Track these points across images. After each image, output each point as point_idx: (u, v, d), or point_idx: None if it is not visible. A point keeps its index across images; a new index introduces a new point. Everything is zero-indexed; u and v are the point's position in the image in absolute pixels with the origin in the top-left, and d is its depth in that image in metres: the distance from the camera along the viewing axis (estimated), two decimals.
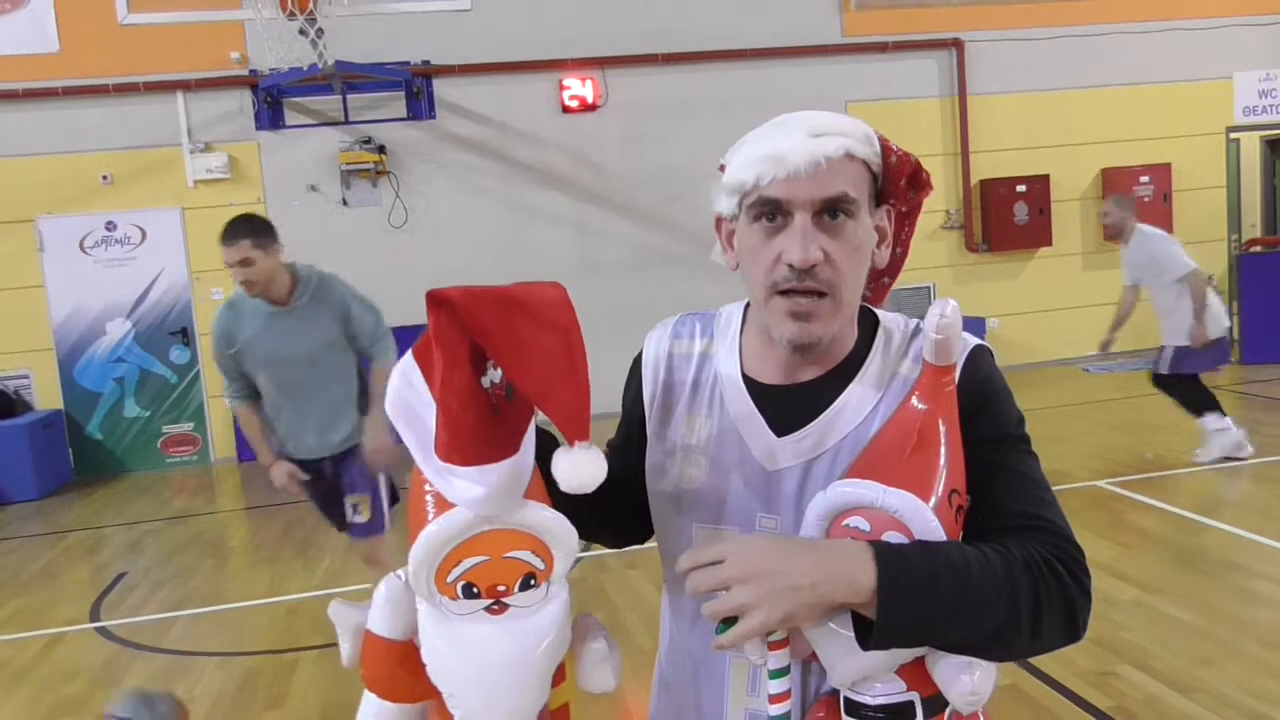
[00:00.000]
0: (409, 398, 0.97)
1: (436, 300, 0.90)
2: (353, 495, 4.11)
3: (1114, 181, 10.05)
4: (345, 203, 8.80)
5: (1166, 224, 10.10)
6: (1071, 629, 1.04)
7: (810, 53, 9.39)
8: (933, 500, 1.02)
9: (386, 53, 8.60)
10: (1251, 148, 11.21)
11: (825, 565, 0.98)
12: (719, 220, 1.21)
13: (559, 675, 1.04)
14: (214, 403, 8.79)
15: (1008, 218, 9.80)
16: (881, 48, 9.55)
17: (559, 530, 0.99)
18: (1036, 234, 9.90)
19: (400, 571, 1.02)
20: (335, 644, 3.65)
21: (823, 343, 1.12)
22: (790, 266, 1.08)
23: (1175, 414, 7.63)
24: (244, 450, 8.72)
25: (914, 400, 1.08)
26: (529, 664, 0.99)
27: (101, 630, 4.90)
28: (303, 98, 8.64)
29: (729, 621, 0.99)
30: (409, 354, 0.98)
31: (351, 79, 8.36)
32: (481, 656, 0.97)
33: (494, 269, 8.88)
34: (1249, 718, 3.15)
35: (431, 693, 1.01)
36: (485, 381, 0.94)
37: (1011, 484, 1.09)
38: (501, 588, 0.97)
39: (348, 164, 8.63)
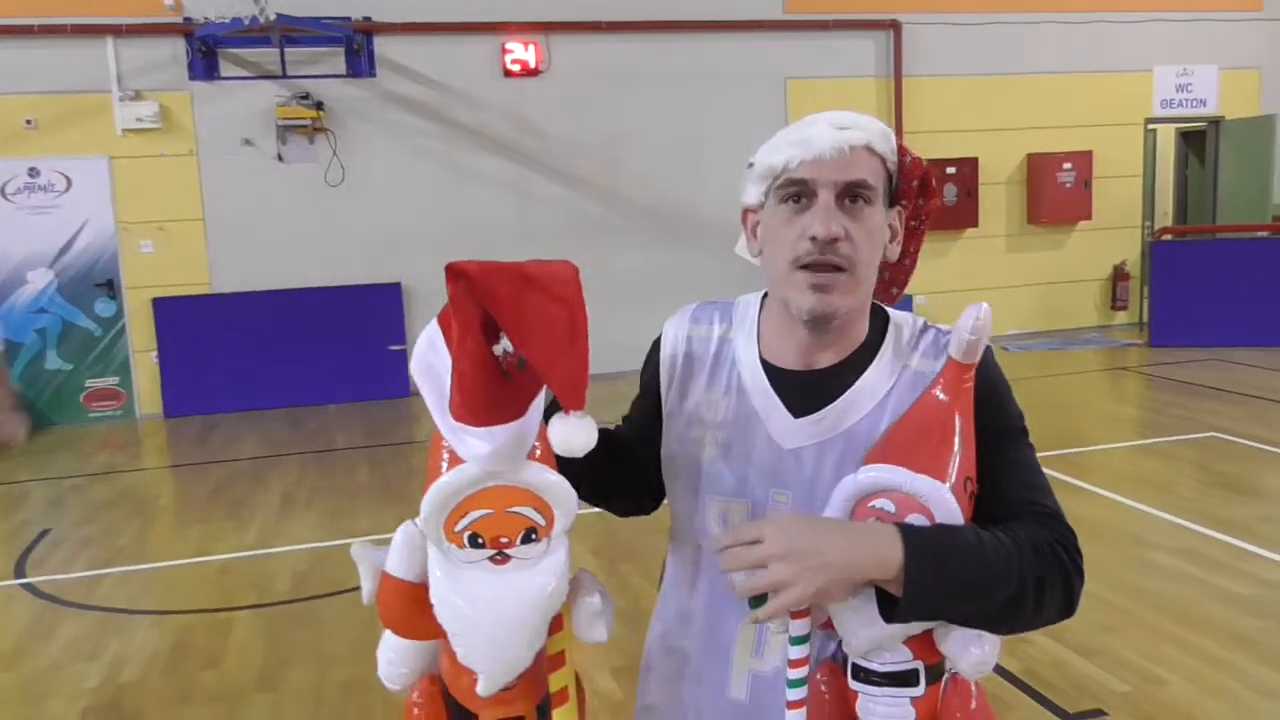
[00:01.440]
0: (432, 360, 1.06)
1: (455, 272, 0.98)
2: None
3: (1038, 166, 10.37)
4: (281, 158, 8.66)
5: (1086, 209, 10.51)
6: (1068, 605, 1.16)
7: (751, 27, 9.47)
8: (949, 484, 1.12)
9: (327, 7, 8.45)
10: (1167, 139, 11.68)
11: (856, 545, 1.08)
12: (745, 212, 1.30)
13: (556, 625, 1.13)
14: (139, 357, 8.63)
15: (938, 198, 10.04)
16: (822, 25, 9.67)
17: (559, 490, 1.08)
18: (964, 215, 10.17)
19: (416, 519, 1.10)
20: (270, 604, 3.70)
21: (839, 316, 1.20)
22: (813, 240, 1.17)
23: (1086, 394, 7.99)
24: (170, 406, 8.60)
25: (937, 392, 1.16)
26: (526, 611, 1.07)
27: (27, 586, 4.85)
28: (239, 49, 8.44)
29: (760, 597, 1.08)
30: (434, 320, 1.07)
31: (291, 32, 8.20)
32: (483, 601, 1.06)
33: (431, 232, 8.84)
34: (1145, 679, 3.39)
35: (441, 632, 1.10)
36: (499, 350, 1.02)
37: (1016, 472, 1.20)
38: (504, 539, 1.07)
39: (284, 119, 8.48)
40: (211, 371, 8.60)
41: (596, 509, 1.43)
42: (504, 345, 1.02)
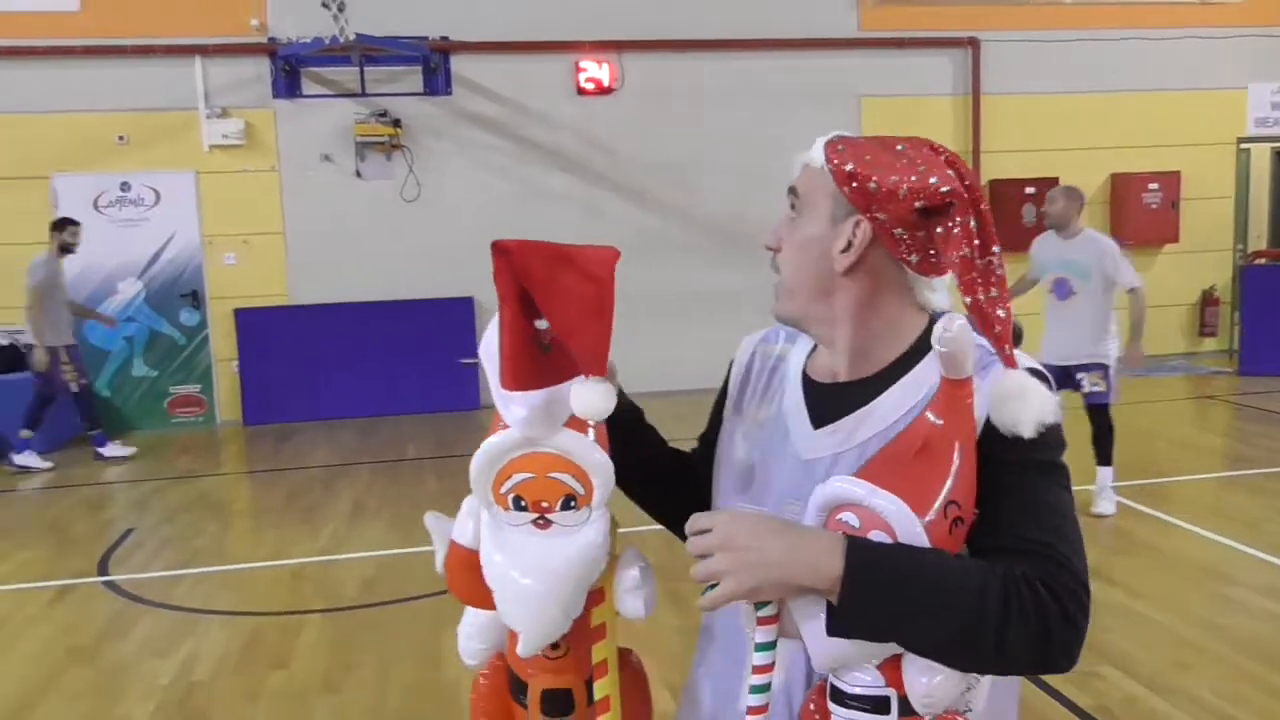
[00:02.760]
0: (494, 343, 1.15)
1: (499, 249, 1.06)
2: None
3: (1122, 187, 10.11)
4: (359, 174, 8.87)
5: (1173, 232, 10.20)
6: (1045, 654, 1.04)
7: (825, 45, 9.43)
8: (925, 508, 1.05)
9: (406, 27, 8.64)
10: (1262, 159, 11.25)
11: (795, 549, 1.05)
12: None
13: (598, 597, 1.18)
14: (221, 366, 8.90)
15: (1016, 219, 9.84)
16: (897, 43, 9.59)
17: (593, 458, 1.13)
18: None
19: None
20: (338, 609, 3.77)
21: (784, 319, 1.29)
22: None
23: (1170, 422, 7.74)
24: (249, 414, 8.82)
25: (928, 413, 1.11)
26: (563, 573, 1.13)
27: (109, 584, 5.01)
28: (320, 68, 8.69)
29: (713, 586, 1.09)
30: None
31: (370, 51, 8.42)
32: (523, 560, 1.13)
33: None
34: (1220, 719, 3.26)
35: None
36: (542, 323, 1.10)
37: (1022, 508, 1.10)
38: (545, 504, 1.13)
39: (363, 136, 8.69)
40: (288, 381, 8.82)
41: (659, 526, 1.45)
42: (546, 321, 1.10)
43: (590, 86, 9.13)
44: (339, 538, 5.61)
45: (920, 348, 1.22)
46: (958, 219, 1.18)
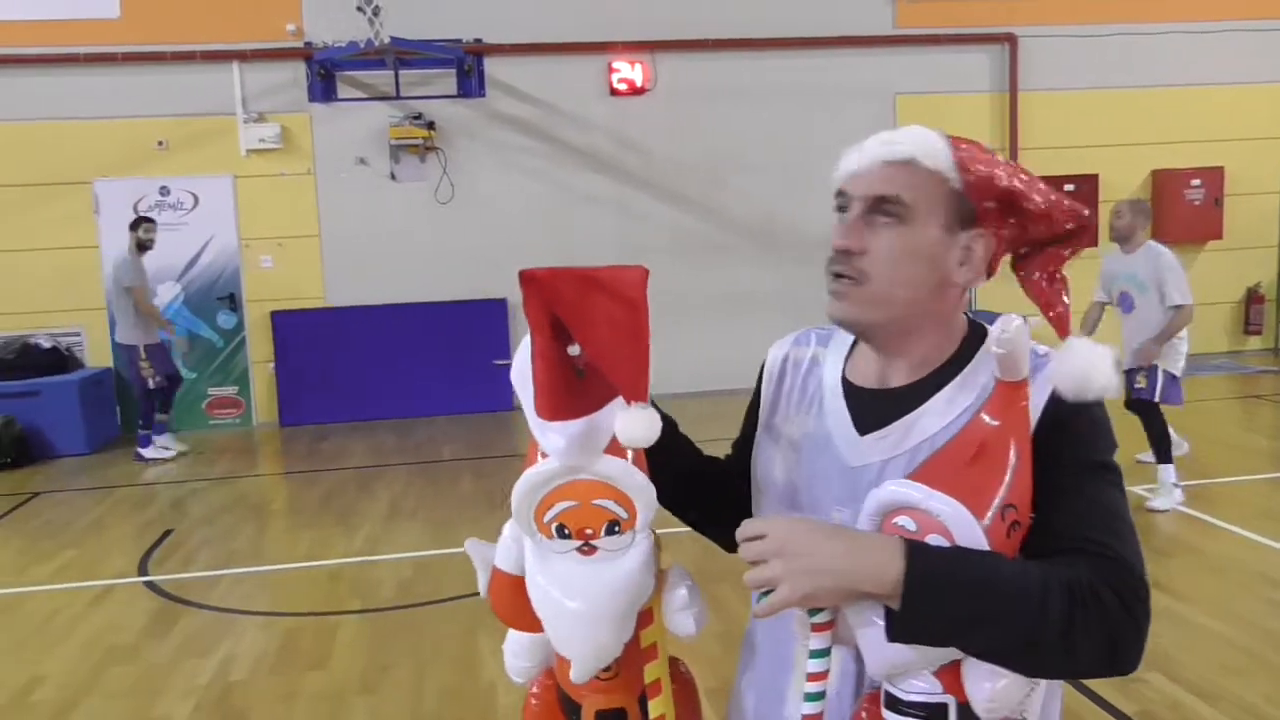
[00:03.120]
0: (525, 368, 1.13)
1: (526, 278, 1.04)
2: None
3: (1165, 183, 9.94)
4: (394, 177, 8.92)
5: (1216, 228, 10.01)
6: (1112, 656, 1.03)
7: (861, 43, 9.35)
8: (983, 510, 1.04)
9: (439, 30, 8.68)
10: None
11: (853, 553, 1.03)
12: None
13: (647, 618, 1.17)
14: (257, 368, 8.98)
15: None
16: (933, 40, 9.49)
17: (637, 484, 1.11)
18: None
19: None
20: (375, 609, 3.77)
21: (860, 325, 1.21)
22: (834, 249, 1.19)
23: (1216, 422, 7.59)
24: (285, 415, 8.90)
25: (984, 415, 1.10)
26: (613, 599, 1.13)
27: (149, 584, 5.07)
28: (355, 72, 8.75)
29: (767, 593, 1.07)
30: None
31: (404, 55, 8.46)
32: (572, 589, 1.12)
33: (536, 248, 8.94)
34: None
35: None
36: (575, 349, 1.08)
37: (1080, 509, 1.09)
38: (589, 531, 1.12)
39: (397, 139, 8.74)
40: (324, 382, 8.88)
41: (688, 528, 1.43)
42: (577, 346, 1.08)
43: (623, 87, 9.12)
44: (375, 539, 5.63)
45: (965, 350, 1.21)
46: (1083, 240, 1.20)
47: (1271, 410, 8.09)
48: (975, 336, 1.23)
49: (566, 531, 1.13)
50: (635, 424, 1.07)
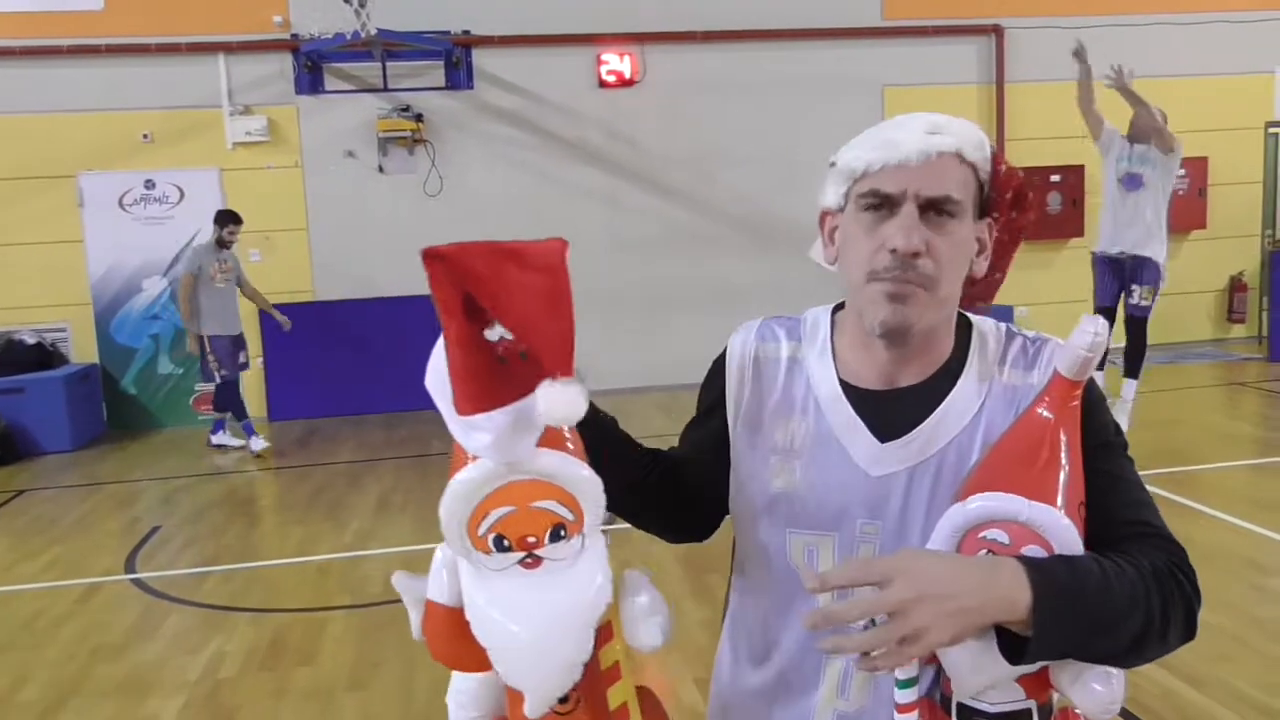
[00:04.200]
0: (441, 367, 1.01)
1: (431, 255, 0.95)
2: None
3: None
4: (381, 169, 8.88)
5: (1201, 218, 10.07)
6: (1190, 630, 1.08)
7: (848, 35, 9.35)
8: (1068, 512, 1.05)
9: (427, 21, 8.64)
10: None
11: (988, 587, 0.99)
12: (823, 215, 1.23)
13: (606, 634, 1.04)
14: None
15: (1041, 207, 9.76)
16: (920, 32, 9.49)
17: (580, 477, 1.00)
18: (1069, 224, 9.86)
19: None
20: (364, 604, 3.74)
21: (915, 330, 1.14)
22: (893, 253, 1.10)
23: (1201, 410, 7.64)
24: (274, 410, 8.86)
25: (1041, 410, 1.09)
26: (567, 617, 1.00)
27: (137, 582, 5.04)
28: (343, 64, 8.71)
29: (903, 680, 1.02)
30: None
31: (392, 47, 8.41)
32: (519, 611, 0.99)
33: (525, 240, 8.94)
34: (1260, 713, 3.20)
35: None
36: (494, 334, 0.98)
37: (1121, 490, 1.13)
38: (531, 539, 0.99)
39: (385, 131, 8.70)
40: (313, 377, 8.85)
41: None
42: (500, 332, 0.98)
43: (612, 79, 9.09)
44: (365, 534, 5.61)
45: (964, 342, 1.21)
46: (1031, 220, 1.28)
47: (1256, 397, 8.14)
48: (964, 326, 1.23)
49: (506, 543, 0.99)
50: (560, 399, 0.94)
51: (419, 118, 8.77)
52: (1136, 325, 5.91)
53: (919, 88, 9.46)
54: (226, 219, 7.57)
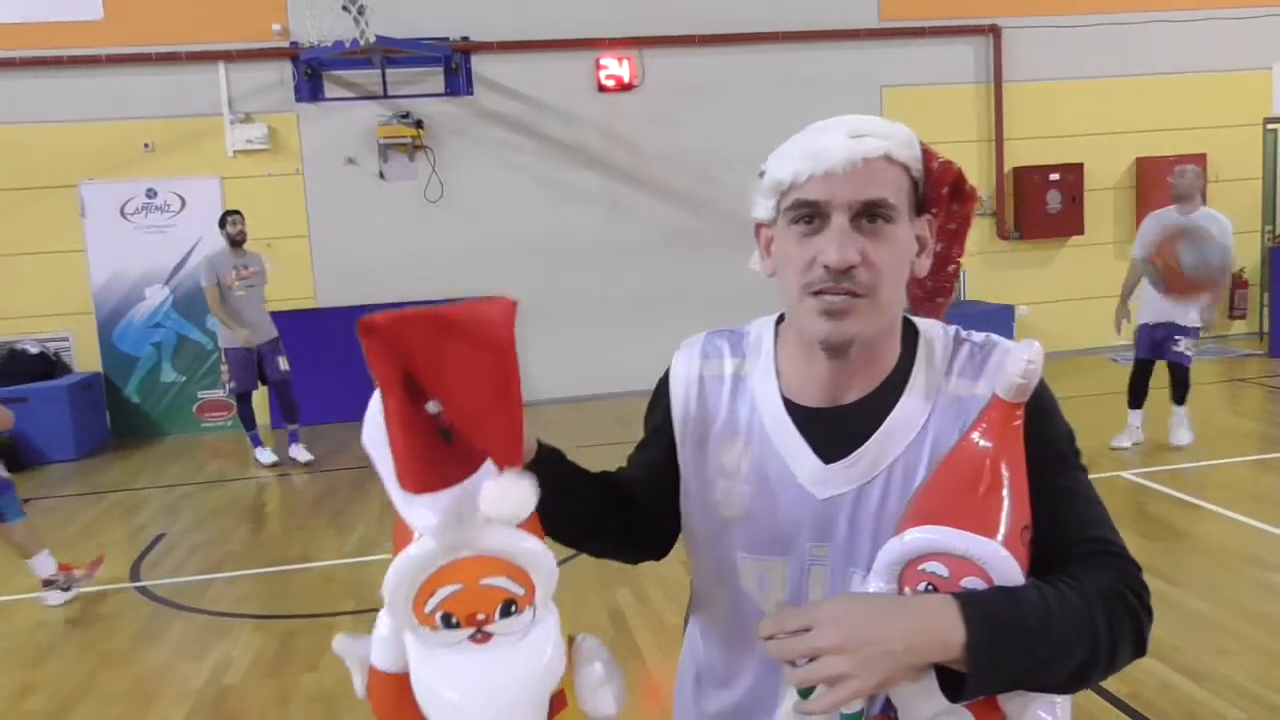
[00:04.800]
0: (377, 434, 0.95)
1: (365, 328, 0.87)
2: None
3: (1148, 170, 9.98)
4: (382, 176, 8.90)
5: None
6: (1140, 648, 1.06)
7: (846, 36, 9.37)
8: (1009, 540, 1.02)
9: (426, 28, 8.67)
10: None
11: (917, 628, 0.97)
12: (758, 227, 1.20)
13: (559, 703, 1.01)
14: None
15: (1040, 206, 9.77)
16: (918, 33, 9.51)
17: (532, 553, 0.95)
18: (1069, 222, 9.86)
19: None
20: (369, 609, 3.77)
21: (857, 342, 1.10)
22: (826, 268, 1.06)
23: (1203, 406, 7.64)
24: (276, 418, 8.87)
25: (978, 438, 1.06)
26: (520, 691, 0.96)
27: (142, 589, 5.06)
28: (342, 71, 8.73)
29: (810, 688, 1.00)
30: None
31: (391, 53, 8.44)
32: (468, 687, 0.95)
33: (527, 245, 8.98)
34: (1261, 706, 3.21)
35: None
36: (433, 406, 0.91)
37: (1073, 507, 1.10)
38: (481, 616, 0.94)
39: (386, 138, 8.73)
40: (315, 383, 8.85)
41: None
42: (438, 402, 0.92)
43: (611, 83, 9.11)
44: (368, 540, 5.63)
45: (910, 350, 1.17)
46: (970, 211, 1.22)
47: (1257, 393, 8.14)
48: (909, 332, 1.19)
49: (454, 620, 0.94)
50: (507, 494, 0.90)
51: (419, 124, 8.79)
52: (1180, 371, 6.22)
53: (917, 88, 9.48)
54: (224, 216, 7.44)
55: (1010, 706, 1.05)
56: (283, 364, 7.55)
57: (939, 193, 1.17)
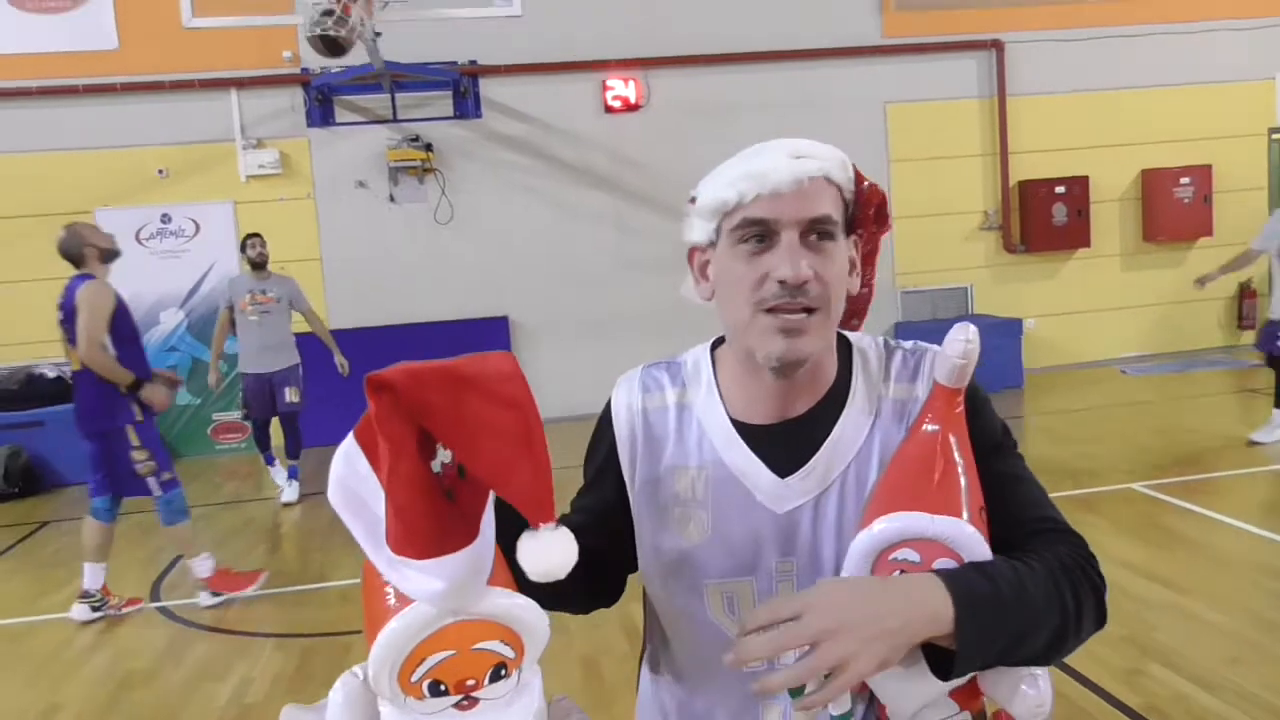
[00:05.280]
0: (353, 485, 0.91)
1: (377, 384, 0.83)
2: None
3: (1154, 182, 10.03)
4: (393, 199, 9.00)
5: (1206, 226, 10.11)
6: (1101, 616, 1.10)
7: (850, 54, 9.46)
8: (971, 519, 1.06)
9: (435, 53, 8.78)
10: None
11: (909, 604, 0.99)
12: (691, 251, 1.21)
13: None
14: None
15: (1046, 218, 9.82)
16: (921, 49, 9.59)
17: (529, 617, 0.93)
18: (1075, 235, 9.90)
19: (358, 668, 0.96)
20: None
21: (809, 359, 1.12)
22: (781, 284, 1.08)
23: (1213, 417, 7.66)
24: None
25: (927, 425, 1.10)
26: None
27: (162, 610, 5.12)
28: (353, 96, 8.85)
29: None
30: (350, 436, 0.92)
31: (400, 78, 8.56)
32: None
33: (536, 265, 9.06)
34: (1273, 716, 3.23)
35: None
36: (436, 465, 0.87)
37: (1018, 490, 1.15)
38: (470, 682, 0.91)
39: (396, 161, 8.83)
40: (327, 404, 8.91)
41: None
42: (441, 458, 0.88)
43: (617, 104, 9.22)
44: None
45: (846, 362, 1.21)
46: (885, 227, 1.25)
47: (1266, 404, 8.12)
48: (843, 346, 1.23)
49: (443, 688, 0.90)
50: (548, 551, 0.86)
51: (428, 147, 8.90)
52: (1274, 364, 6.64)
53: (921, 103, 9.56)
54: (245, 240, 7.31)
55: (995, 685, 1.08)
56: (289, 395, 7.29)
57: (866, 213, 1.21)
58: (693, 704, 1.24)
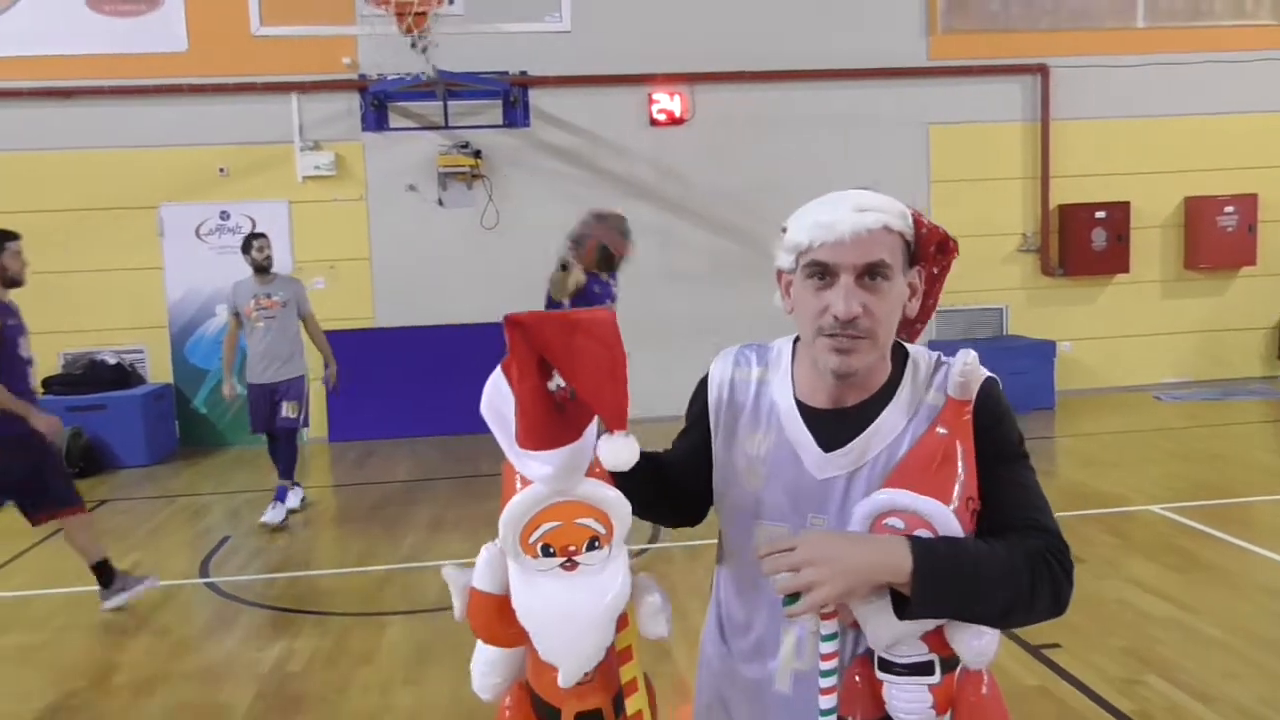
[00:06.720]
0: (498, 402, 1.25)
1: (513, 322, 1.18)
2: None
3: (1197, 210, 10.03)
4: (441, 203, 9.29)
5: (1250, 255, 10.09)
6: (1056, 605, 1.36)
7: (895, 74, 9.59)
8: (953, 505, 1.33)
9: (487, 63, 9.05)
10: None
11: (874, 554, 1.30)
12: (779, 273, 1.49)
13: (622, 622, 1.30)
14: (309, 384, 9.33)
15: (1085, 243, 9.86)
16: (966, 71, 9.70)
17: (614, 502, 1.25)
18: (1114, 260, 9.93)
19: (493, 543, 1.31)
20: (419, 610, 4.07)
21: (859, 373, 1.40)
22: (835, 318, 1.36)
23: (1249, 446, 7.67)
24: (334, 431, 9.26)
25: (938, 428, 1.39)
26: (596, 612, 1.25)
27: (210, 585, 5.40)
28: (407, 102, 9.16)
29: (793, 597, 1.30)
30: (499, 367, 1.26)
31: (453, 87, 8.85)
32: (558, 605, 1.24)
33: None
34: None
35: (523, 638, 1.29)
36: (552, 385, 1.21)
37: (1015, 494, 1.41)
38: (572, 548, 1.24)
39: (445, 166, 9.12)
40: (372, 400, 9.23)
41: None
42: (557, 381, 1.22)
43: (663, 118, 9.43)
44: (420, 547, 5.92)
45: (896, 369, 1.48)
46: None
47: None
48: (900, 355, 1.49)
49: (551, 550, 1.23)
50: (619, 450, 1.20)
51: (478, 154, 9.18)
52: None
53: (964, 125, 9.66)
54: (247, 240, 6.90)
55: (951, 634, 1.36)
56: (285, 410, 6.76)
57: (927, 250, 1.49)
58: (741, 611, 1.55)
